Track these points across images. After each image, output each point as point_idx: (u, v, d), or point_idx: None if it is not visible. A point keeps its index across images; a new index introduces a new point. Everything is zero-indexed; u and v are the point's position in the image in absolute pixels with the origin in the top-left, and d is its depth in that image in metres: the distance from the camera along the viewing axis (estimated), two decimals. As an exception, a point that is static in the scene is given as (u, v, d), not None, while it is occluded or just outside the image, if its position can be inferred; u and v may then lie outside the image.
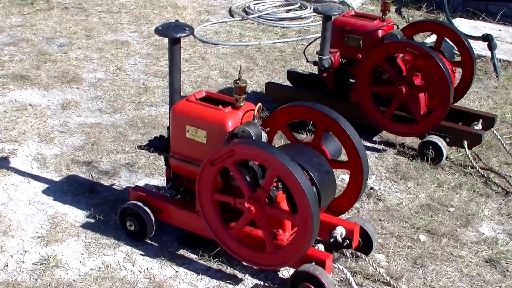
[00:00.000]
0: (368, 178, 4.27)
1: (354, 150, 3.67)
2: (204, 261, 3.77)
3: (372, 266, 3.67)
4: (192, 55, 6.69)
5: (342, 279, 3.65)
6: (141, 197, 3.91)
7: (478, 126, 4.99)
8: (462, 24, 7.50)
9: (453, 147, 5.00)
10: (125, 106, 5.61)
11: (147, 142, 3.96)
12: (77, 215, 4.17)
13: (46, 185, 4.43)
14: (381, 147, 5.14)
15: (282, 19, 7.72)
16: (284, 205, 3.45)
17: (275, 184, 3.41)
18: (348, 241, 3.67)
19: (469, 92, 5.44)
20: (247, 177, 3.40)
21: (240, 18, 7.72)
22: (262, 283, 3.61)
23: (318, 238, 3.73)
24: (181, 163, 3.72)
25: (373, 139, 5.26)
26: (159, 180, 4.55)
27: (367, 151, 4.76)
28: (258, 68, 6.47)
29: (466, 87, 5.11)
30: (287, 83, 5.86)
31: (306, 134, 5.22)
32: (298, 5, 8.09)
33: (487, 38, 6.53)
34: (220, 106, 3.58)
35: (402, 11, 8.11)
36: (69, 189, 4.41)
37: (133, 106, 5.62)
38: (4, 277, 3.63)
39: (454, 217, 4.27)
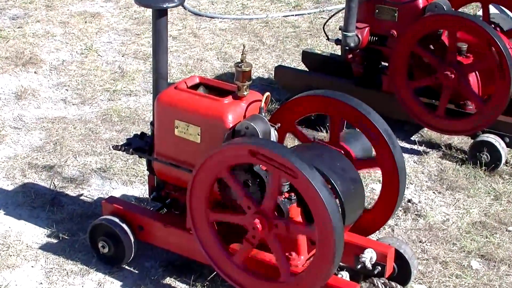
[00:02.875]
0: (406, 188, 4.26)
1: (387, 152, 3.66)
2: (197, 293, 3.79)
3: (411, 300, 3.68)
4: (182, 32, 6.70)
5: (372, 316, 3.68)
6: (117, 211, 3.91)
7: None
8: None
9: (514, 149, 5.03)
10: (96, 95, 5.61)
11: (125, 142, 3.95)
12: (35, 234, 4.17)
13: (-4, 196, 4.46)
14: (422, 148, 5.13)
15: (295, -14, 7.73)
16: (299, 221, 3.44)
17: (287, 195, 3.41)
18: (379, 268, 3.66)
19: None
20: (250, 184, 3.39)
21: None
22: (270, 321, 3.61)
23: (341, 264, 3.71)
24: (168, 168, 3.71)
25: (412, 138, 5.24)
26: (140, 190, 4.55)
27: (404, 154, 4.74)
28: (266, 48, 6.47)
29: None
30: (302, 67, 5.86)
31: (326, 131, 5.22)
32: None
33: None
34: (217, 96, 3.57)
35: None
36: (25, 201, 4.42)
37: (107, 95, 5.62)
38: None
39: (515, 238, 4.29)
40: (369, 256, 3.63)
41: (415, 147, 5.15)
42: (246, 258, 3.53)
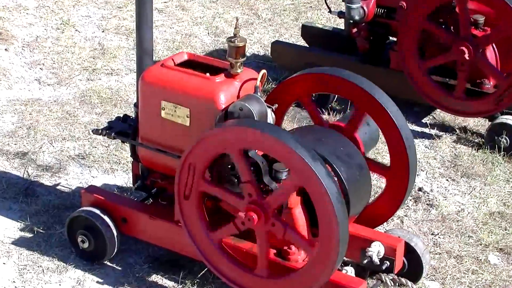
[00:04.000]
0: (416, 176, 4.26)
1: (396, 136, 3.67)
2: (186, 292, 3.80)
3: (422, 298, 3.70)
4: (167, 4, 6.68)
5: (380, 316, 3.69)
6: (97, 202, 3.91)
7: None
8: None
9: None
10: (74, 75, 5.60)
11: (106, 125, 3.96)
12: (7, 227, 4.17)
13: (-36, 186, 4.46)
14: (434, 132, 5.13)
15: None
16: (299, 212, 3.44)
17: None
18: (388, 263, 3.66)
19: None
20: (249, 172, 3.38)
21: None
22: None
23: (346, 258, 3.72)
24: (154, 154, 3.71)
25: (423, 120, 5.24)
26: (123, 178, 4.55)
27: (414, 138, 4.75)
28: (261, 22, 6.47)
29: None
30: (302, 42, 5.86)
31: (329, 113, 5.22)
32: None
33: None
34: (208, 74, 3.57)
35: None
36: (-4, 191, 4.44)
37: (86, 75, 5.61)
38: None
39: (537, 230, 4.30)
40: (376, 250, 3.63)
41: (426, 130, 5.16)
42: (223, 239, 3.55)
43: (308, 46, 5.71)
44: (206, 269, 3.74)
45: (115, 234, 3.85)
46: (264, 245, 3.44)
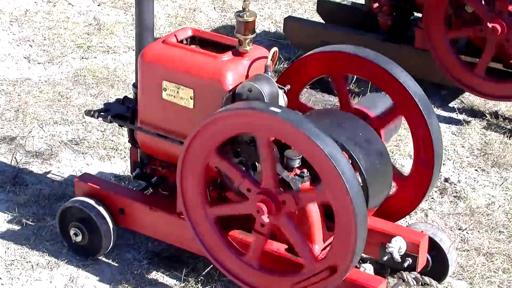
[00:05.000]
0: (442, 165, 4.27)
1: (421, 122, 3.66)
2: (189, 291, 3.81)
3: (448, 299, 3.69)
4: (170, -25, 6.69)
5: (401, 319, 3.69)
6: (92, 192, 3.91)
7: None
8: None
9: None
10: (66, 52, 5.61)
11: (102, 108, 3.96)
12: (-6, 219, 4.19)
13: None
14: (462, 117, 5.13)
15: None
16: (313, 205, 3.43)
17: (298, 171, 3.40)
18: (410, 260, 3.66)
19: None
20: (256, 162, 3.40)
21: None
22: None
23: (364, 255, 3.72)
24: (155, 140, 3.71)
25: (450, 105, 5.25)
26: (120, 166, 4.56)
27: (441, 124, 4.74)
28: (272, -4, 6.48)
29: None
30: (317, 18, 5.86)
31: (347, 96, 5.24)
32: None
33: None
34: (214, 52, 3.56)
35: None
36: (-19, 180, 4.45)
37: (80, 53, 5.61)
38: None
39: None
40: (397, 246, 3.63)
41: (454, 115, 5.16)
42: (261, 254, 3.53)
43: (324, 22, 5.70)
44: (211, 266, 3.74)
45: (111, 226, 3.85)
46: (295, 234, 3.43)
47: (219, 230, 3.58)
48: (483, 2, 4.92)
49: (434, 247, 3.76)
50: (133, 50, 4.18)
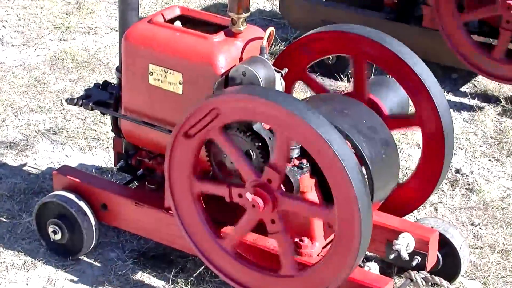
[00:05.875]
0: (453, 155, 4.27)
1: (430, 108, 3.66)
2: (178, 292, 3.81)
3: (460, 301, 3.71)
4: (156, -50, 6.68)
5: (409, 322, 3.69)
6: (72, 186, 3.91)
7: None
8: None
9: None
10: (43, 34, 5.61)
11: (83, 94, 3.96)
12: (-35, 215, 4.19)
13: None
14: (474, 102, 5.15)
15: None
16: (313, 197, 3.44)
17: (297, 162, 3.40)
18: (419, 258, 3.67)
19: None
20: (250, 150, 3.39)
21: None
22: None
23: (369, 253, 3.72)
24: (141, 128, 3.71)
25: (462, 89, 5.25)
26: (103, 157, 4.57)
27: (451, 110, 4.73)
28: (268, -29, 6.46)
29: None
30: (317, -5, 5.86)
31: (348, 80, 5.24)
32: None
33: None
34: (205, 32, 3.55)
35: None
36: (-49, 173, 4.45)
37: (58, 34, 5.62)
38: None
39: None
40: (405, 243, 3.63)
41: (465, 100, 5.17)
42: (239, 244, 3.55)
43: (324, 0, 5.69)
44: (202, 266, 3.75)
45: (93, 223, 3.85)
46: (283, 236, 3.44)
47: (210, 227, 3.57)
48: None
49: (445, 244, 3.77)
50: (116, 31, 4.17)
